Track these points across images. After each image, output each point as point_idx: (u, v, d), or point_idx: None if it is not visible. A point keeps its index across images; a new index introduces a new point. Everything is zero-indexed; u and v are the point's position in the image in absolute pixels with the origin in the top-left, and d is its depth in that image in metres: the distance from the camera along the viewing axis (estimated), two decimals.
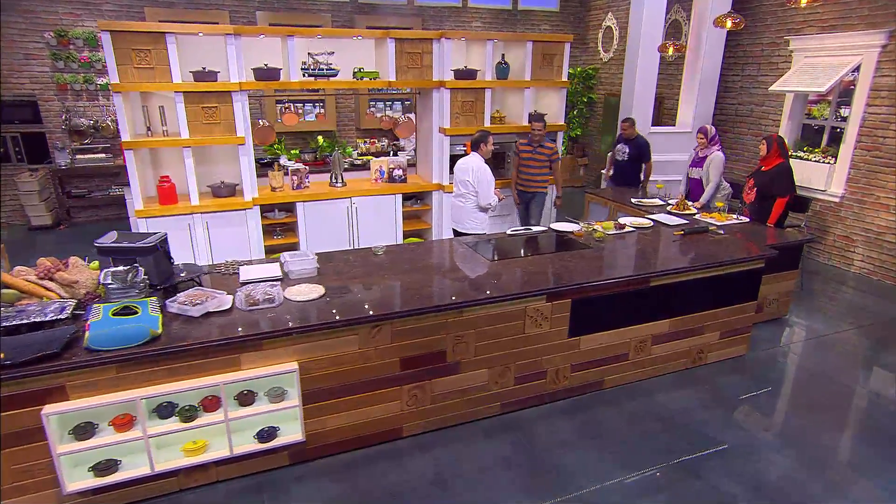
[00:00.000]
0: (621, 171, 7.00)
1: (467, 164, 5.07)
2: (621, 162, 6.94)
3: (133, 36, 4.94)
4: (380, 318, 3.14)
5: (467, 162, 5.09)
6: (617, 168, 7.06)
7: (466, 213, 5.16)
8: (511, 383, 3.69)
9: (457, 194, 5.21)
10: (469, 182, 5.05)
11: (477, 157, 5.08)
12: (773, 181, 5.19)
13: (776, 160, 5.21)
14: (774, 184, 5.18)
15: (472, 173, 5.03)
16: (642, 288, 3.88)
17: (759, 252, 4.29)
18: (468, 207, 5.14)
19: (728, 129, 8.04)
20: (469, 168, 5.04)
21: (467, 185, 5.07)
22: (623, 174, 6.99)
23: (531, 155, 6.17)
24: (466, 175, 5.05)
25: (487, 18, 9.94)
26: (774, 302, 5.08)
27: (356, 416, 3.31)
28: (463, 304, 3.32)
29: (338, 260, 4.03)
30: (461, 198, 5.15)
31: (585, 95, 10.48)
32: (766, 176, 5.27)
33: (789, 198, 5.19)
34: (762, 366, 4.41)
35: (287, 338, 2.99)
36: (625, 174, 6.97)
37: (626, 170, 6.94)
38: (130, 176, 5.32)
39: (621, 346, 3.99)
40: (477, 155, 5.10)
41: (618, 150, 6.96)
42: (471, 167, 5.04)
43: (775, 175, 5.19)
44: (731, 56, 7.78)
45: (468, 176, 5.04)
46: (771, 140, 5.23)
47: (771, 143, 5.21)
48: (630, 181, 6.94)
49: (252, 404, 3.07)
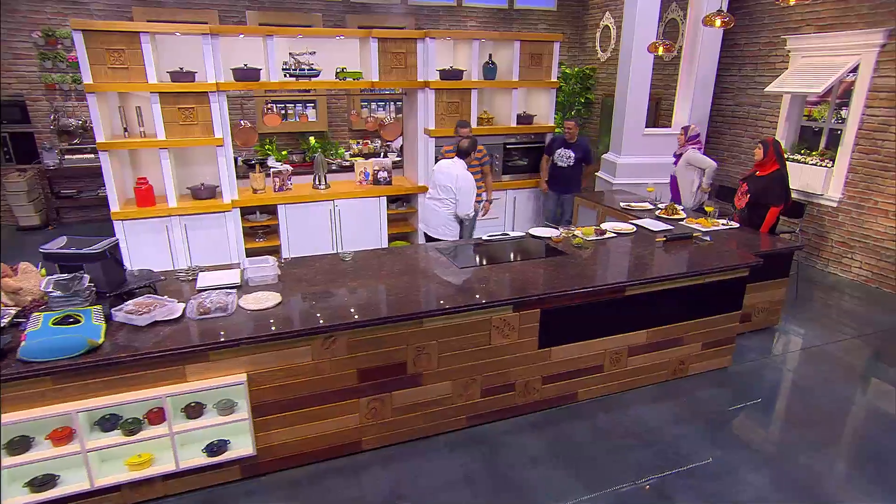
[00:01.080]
0: (566, 177, 6.59)
1: (451, 170, 4.93)
2: (566, 168, 6.54)
3: (106, 35, 4.87)
4: (333, 329, 3.02)
5: (451, 168, 4.95)
6: (560, 174, 6.62)
7: (442, 220, 5.03)
8: (477, 396, 3.56)
9: (433, 197, 5.08)
10: (451, 188, 4.92)
11: (462, 165, 4.94)
12: (767, 189, 5.03)
13: (772, 166, 5.03)
14: (768, 191, 5.02)
15: (456, 181, 4.89)
16: (617, 297, 3.73)
17: (742, 260, 4.12)
18: (444, 214, 5.01)
19: (725, 131, 7.84)
20: (453, 175, 4.90)
21: (448, 191, 4.94)
22: (567, 180, 6.61)
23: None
24: (449, 181, 4.91)
25: (483, 18, 9.79)
26: (764, 311, 4.90)
27: (311, 429, 3.19)
28: (422, 315, 3.19)
29: (303, 266, 3.92)
30: (438, 202, 5.02)
31: (583, 96, 10.29)
32: (759, 182, 5.11)
33: (782, 206, 5.05)
34: (746, 379, 4.24)
35: (234, 349, 2.88)
36: (569, 180, 6.60)
37: (572, 175, 6.58)
38: (106, 177, 5.25)
39: (595, 358, 3.84)
40: (462, 162, 4.95)
41: (560, 154, 6.54)
42: (456, 174, 4.90)
43: (769, 182, 5.03)
44: (728, 56, 7.58)
45: (451, 182, 4.91)
46: (767, 144, 5.06)
47: (767, 148, 5.04)
48: (573, 187, 6.63)
49: (200, 417, 2.96)
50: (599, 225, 4.87)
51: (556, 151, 6.56)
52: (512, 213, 7.01)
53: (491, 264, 4.03)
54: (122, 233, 5.40)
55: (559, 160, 6.55)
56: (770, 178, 5.03)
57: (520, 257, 4.20)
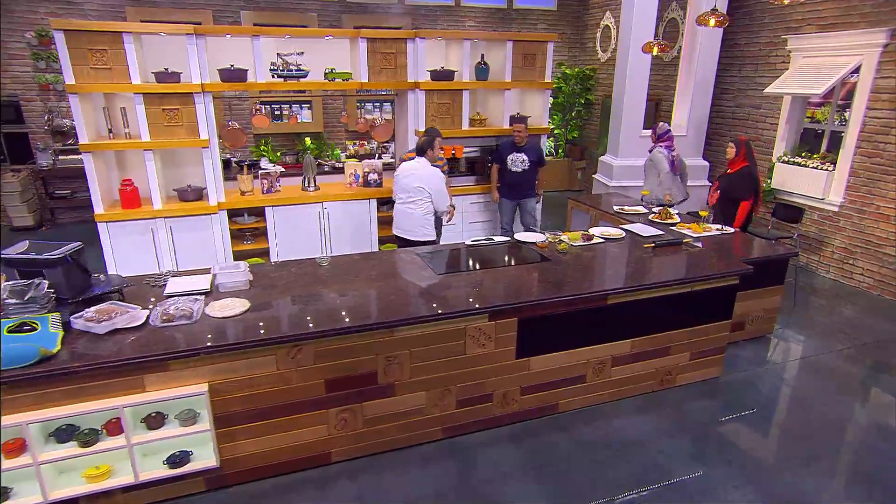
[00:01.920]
0: (522, 182, 6.13)
1: (417, 170, 4.86)
2: (520, 173, 6.07)
3: (88, 35, 4.81)
4: (298, 339, 2.93)
5: (417, 168, 4.87)
6: (516, 180, 6.13)
7: (417, 221, 4.94)
8: (453, 406, 3.46)
9: (404, 201, 4.98)
10: (423, 188, 4.84)
11: (425, 163, 4.88)
12: (736, 184, 5.31)
13: (742, 163, 5.31)
14: (737, 187, 5.30)
15: (426, 180, 4.83)
16: (599, 306, 3.61)
17: (732, 268, 3.98)
18: (418, 215, 4.92)
19: (724, 133, 7.68)
20: (420, 174, 4.85)
21: (421, 191, 4.86)
22: (524, 185, 6.17)
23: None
24: (419, 181, 4.84)
25: (481, 18, 9.69)
26: (758, 319, 4.76)
27: (278, 440, 3.11)
28: (392, 324, 3.10)
29: (278, 271, 3.83)
30: (411, 205, 4.93)
31: (583, 97, 10.16)
32: (729, 179, 5.40)
33: (752, 200, 5.28)
34: (736, 390, 4.10)
35: (195, 358, 2.80)
36: (523, 185, 6.16)
37: (528, 180, 6.14)
38: (90, 179, 5.19)
39: (577, 368, 3.72)
40: (424, 159, 4.89)
41: (513, 160, 6.04)
42: (422, 173, 4.84)
43: (738, 178, 5.30)
44: (728, 56, 7.43)
45: (421, 182, 4.83)
46: (740, 143, 5.32)
47: (739, 147, 5.30)
48: (530, 191, 6.24)
49: (161, 427, 2.88)
50: (588, 230, 4.75)
51: (507, 157, 6.09)
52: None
53: (471, 270, 3.92)
54: (107, 235, 5.34)
55: (513, 165, 6.07)
56: (739, 175, 5.30)
57: (502, 263, 4.09)
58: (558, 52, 10.42)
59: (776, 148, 6.90)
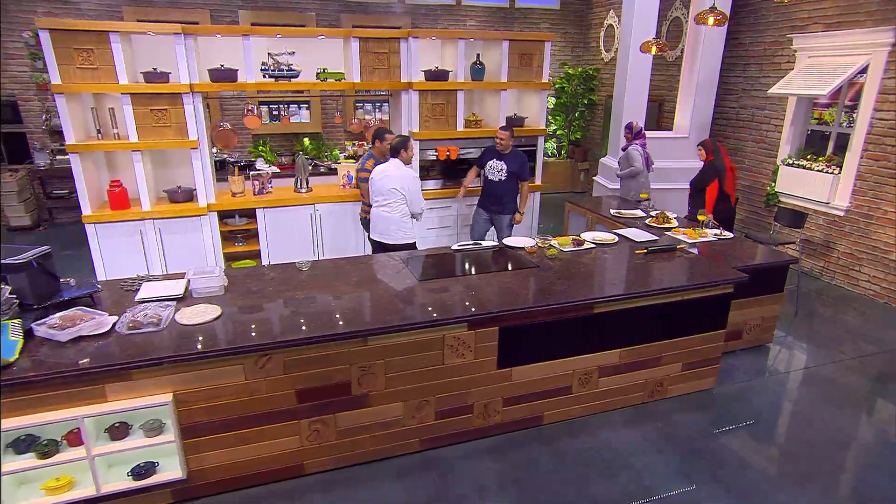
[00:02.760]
0: (498, 193, 5.59)
1: (391, 171, 4.77)
2: (497, 183, 5.55)
3: (74, 35, 4.75)
4: (266, 348, 2.83)
5: (390, 170, 4.78)
6: (492, 190, 5.62)
7: (395, 224, 4.84)
8: (431, 418, 3.35)
9: (380, 204, 4.87)
10: (397, 190, 4.75)
11: (399, 164, 4.78)
12: (699, 176, 5.73)
13: (708, 158, 5.69)
14: (701, 178, 5.70)
15: (401, 181, 4.74)
16: (586, 315, 3.49)
17: (726, 276, 3.83)
18: (395, 217, 4.82)
19: (729, 135, 7.49)
20: (395, 176, 4.76)
21: (395, 193, 4.77)
22: (500, 197, 5.60)
23: None
24: (393, 183, 4.75)
25: (483, 17, 9.57)
26: (756, 328, 4.61)
27: (247, 451, 3.02)
28: (365, 333, 2.99)
29: (256, 276, 3.75)
30: (386, 208, 4.83)
31: (586, 97, 10.00)
32: (697, 173, 5.82)
33: (716, 184, 5.58)
34: (730, 402, 3.95)
35: (158, 367, 2.71)
36: (502, 197, 5.60)
37: (505, 192, 5.58)
38: (77, 180, 5.14)
39: (562, 379, 3.60)
40: (397, 161, 4.79)
41: (491, 167, 5.55)
42: (397, 175, 4.76)
43: (702, 170, 5.71)
44: (732, 56, 7.24)
45: (395, 184, 4.74)
46: (706, 144, 5.73)
47: (707, 147, 5.71)
48: (508, 206, 5.66)
49: (125, 438, 2.80)
50: (581, 234, 4.62)
51: (487, 163, 5.62)
52: None
53: (454, 276, 3.81)
54: (95, 237, 5.29)
55: (490, 173, 5.56)
56: (704, 168, 5.72)
57: (487, 269, 3.97)
58: (561, 52, 10.29)
59: (780, 150, 6.71)
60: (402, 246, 4.92)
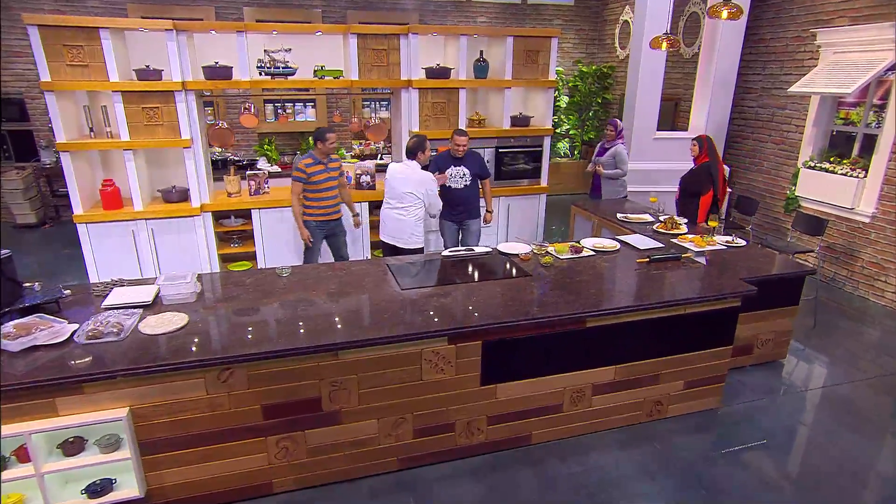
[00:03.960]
0: (465, 199, 5.17)
1: (408, 175, 4.58)
2: (463, 189, 5.12)
3: (63, 31, 4.67)
4: (228, 361, 2.67)
5: (407, 172, 4.59)
6: (457, 198, 5.15)
7: (409, 227, 4.68)
8: (410, 436, 3.15)
9: (393, 207, 4.70)
10: (413, 194, 4.56)
11: (415, 166, 4.59)
12: (694, 178, 5.37)
13: (703, 159, 5.34)
14: (695, 181, 5.35)
15: (418, 185, 4.54)
16: (577, 329, 3.25)
17: (732, 288, 3.56)
18: (410, 221, 4.65)
19: (747, 136, 7.14)
20: (412, 179, 4.56)
21: (410, 196, 4.58)
22: (467, 203, 5.20)
23: (327, 175, 4.90)
24: (408, 187, 4.56)
25: (493, 13, 9.33)
26: (768, 342, 4.31)
27: (210, 469, 2.86)
28: (335, 347, 2.81)
29: (232, 282, 3.59)
30: (401, 210, 4.65)
31: (600, 96, 9.70)
32: (689, 174, 5.46)
33: (711, 193, 5.27)
34: (736, 423, 3.68)
35: (111, 381, 2.56)
36: (469, 203, 5.20)
37: (471, 196, 5.19)
38: (68, 179, 5.08)
39: (552, 397, 3.37)
40: (414, 163, 4.60)
41: (453, 175, 5.09)
42: (414, 178, 4.55)
43: (697, 172, 5.35)
44: (752, 52, 6.89)
45: (411, 188, 4.55)
46: (702, 141, 5.37)
47: (702, 144, 5.35)
48: (474, 210, 5.28)
49: (80, 454, 2.66)
50: (580, 241, 4.38)
51: (449, 170, 5.10)
52: (506, 222, 6.54)
53: (439, 285, 3.60)
54: (87, 237, 5.22)
55: (453, 182, 5.10)
56: (698, 170, 5.35)
57: (476, 278, 3.76)
58: (575, 50, 10.00)
59: (802, 152, 6.36)
60: (414, 250, 4.77)
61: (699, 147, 5.36)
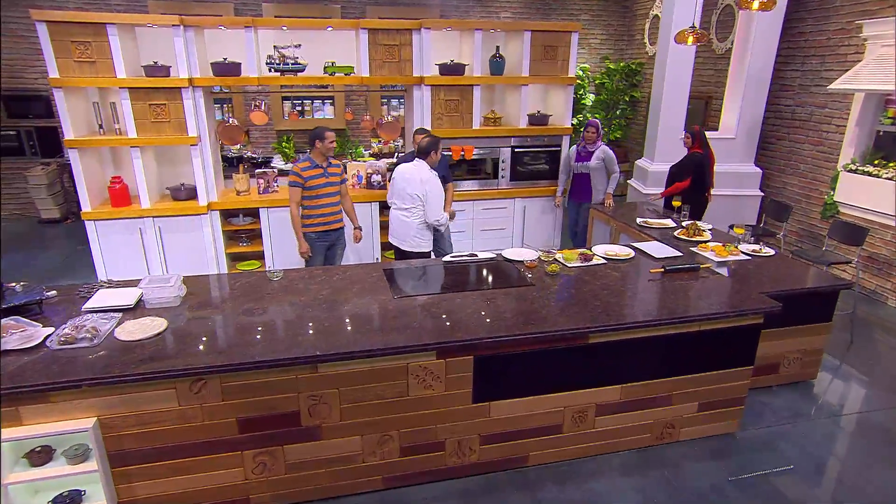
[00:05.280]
0: None
1: (414, 174, 4.38)
2: None
3: (71, 27, 4.65)
4: (199, 372, 2.53)
5: (413, 172, 4.40)
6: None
7: (413, 230, 4.48)
8: (396, 454, 2.97)
9: (398, 208, 4.53)
10: (417, 196, 4.37)
11: (424, 167, 4.39)
12: (681, 168, 5.41)
13: (695, 150, 5.36)
14: (679, 169, 5.42)
15: (421, 185, 4.34)
16: (579, 345, 3.01)
17: (753, 304, 3.25)
18: (414, 224, 4.46)
19: (782, 136, 6.71)
20: (417, 179, 4.36)
21: (415, 198, 4.39)
22: None
23: (326, 180, 4.57)
24: (413, 188, 4.37)
25: (517, 8, 9.05)
26: (796, 361, 3.98)
27: (184, 483, 2.73)
28: (314, 359, 2.64)
29: (221, 285, 3.47)
30: (406, 212, 4.47)
31: (628, 94, 9.32)
32: (678, 164, 5.49)
33: (689, 182, 5.33)
34: (755, 450, 3.37)
35: (77, 390, 2.45)
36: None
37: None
38: (76, 176, 5.07)
39: (552, 416, 3.14)
40: (424, 163, 4.40)
41: None
42: (419, 178, 4.35)
43: (684, 162, 5.41)
44: (790, 47, 6.46)
45: (416, 190, 4.36)
46: (694, 132, 5.39)
47: (695, 135, 5.38)
48: None
49: (47, 464, 2.57)
50: (590, 248, 4.11)
51: None
52: (521, 224, 6.29)
53: (434, 294, 3.40)
54: (95, 234, 5.21)
55: None
56: (687, 159, 5.40)
57: (475, 286, 3.54)
58: (603, 45, 9.64)
59: (843, 154, 5.91)
60: (418, 254, 4.58)
61: (692, 138, 5.37)
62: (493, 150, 5.99)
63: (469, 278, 3.67)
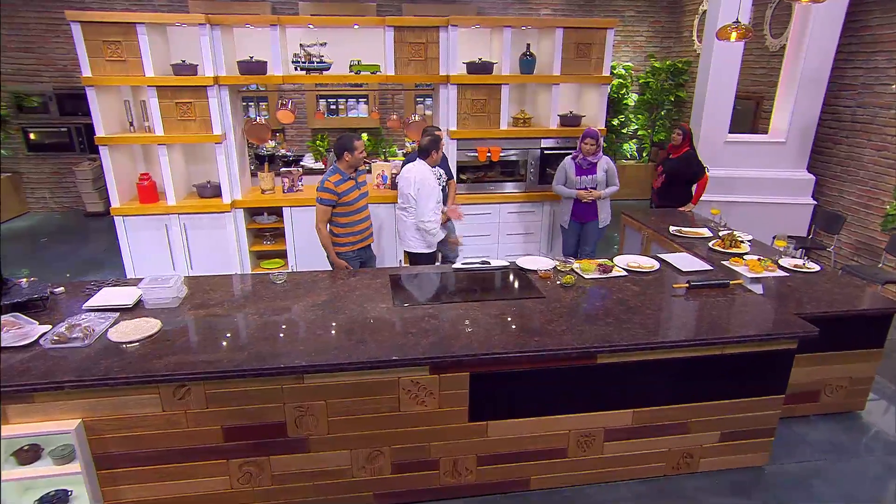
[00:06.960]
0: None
1: (410, 174, 4.29)
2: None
3: (102, 27, 4.74)
4: (181, 378, 2.47)
5: (411, 172, 4.29)
6: None
7: (409, 230, 4.43)
8: (387, 471, 2.84)
9: (400, 207, 4.51)
10: (411, 196, 4.26)
11: (423, 167, 4.26)
12: (683, 168, 5.37)
13: (685, 148, 5.36)
14: (686, 170, 5.37)
15: (414, 185, 4.22)
16: (587, 365, 2.80)
17: (785, 328, 2.94)
18: (410, 223, 4.40)
19: (840, 140, 6.18)
20: (411, 179, 4.26)
21: (409, 199, 4.29)
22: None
23: (359, 192, 4.18)
24: (408, 187, 4.27)
25: (559, 6, 8.76)
26: (840, 390, 3.61)
27: (170, 488, 2.69)
28: (299, 370, 2.54)
29: (223, 286, 3.43)
30: (403, 211, 4.41)
31: (673, 93, 8.87)
32: (674, 163, 5.42)
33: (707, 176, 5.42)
34: (783, 486, 3.06)
35: (61, 391, 2.44)
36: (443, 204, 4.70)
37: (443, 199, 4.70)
38: (106, 172, 5.19)
39: (556, 439, 2.93)
40: (424, 163, 4.27)
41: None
42: (413, 178, 4.25)
43: (685, 160, 5.35)
44: (852, 42, 5.94)
45: (409, 188, 4.26)
46: (685, 131, 5.37)
47: (685, 133, 5.36)
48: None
49: (35, 463, 2.57)
50: (611, 259, 3.86)
51: None
52: (549, 228, 6.05)
53: (437, 303, 3.25)
54: (123, 230, 5.32)
55: None
56: (686, 158, 5.36)
57: (482, 296, 3.36)
58: (649, 43, 9.22)
59: None
60: (421, 255, 4.49)
61: (683, 136, 5.35)
62: (523, 152, 5.78)
63: (478, 287, 3.49)
